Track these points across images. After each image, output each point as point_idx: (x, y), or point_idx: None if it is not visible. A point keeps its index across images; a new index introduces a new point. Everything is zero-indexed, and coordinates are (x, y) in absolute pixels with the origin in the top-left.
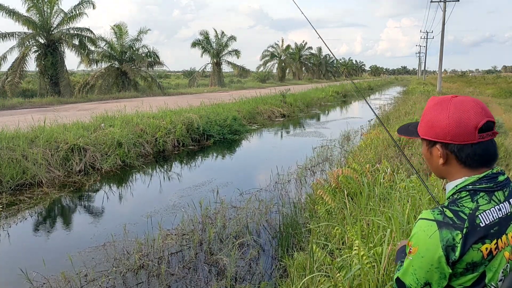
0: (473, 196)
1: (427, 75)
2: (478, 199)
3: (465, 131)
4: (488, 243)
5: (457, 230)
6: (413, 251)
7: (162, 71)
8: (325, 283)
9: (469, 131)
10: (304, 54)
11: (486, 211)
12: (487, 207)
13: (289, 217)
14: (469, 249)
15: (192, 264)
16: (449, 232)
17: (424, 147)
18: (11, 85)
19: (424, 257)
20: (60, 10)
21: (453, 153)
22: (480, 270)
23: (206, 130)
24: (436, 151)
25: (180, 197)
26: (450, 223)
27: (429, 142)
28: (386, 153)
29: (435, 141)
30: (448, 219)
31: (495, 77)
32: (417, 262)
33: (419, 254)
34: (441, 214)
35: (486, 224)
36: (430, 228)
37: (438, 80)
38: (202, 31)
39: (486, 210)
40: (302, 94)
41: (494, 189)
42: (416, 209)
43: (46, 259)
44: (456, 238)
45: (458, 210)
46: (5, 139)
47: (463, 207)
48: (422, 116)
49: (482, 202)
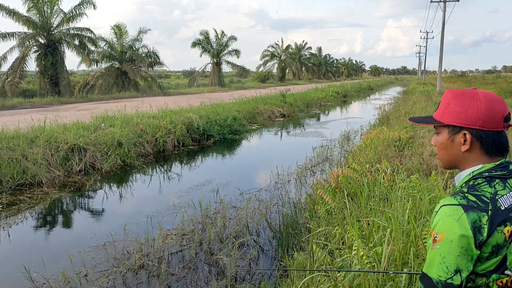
0: (490, 182)
1: (427, 75)
2: (495, 185)
3: (494, 118)
4: (509, 226)
5: (483, 212)
6: (440, 238)
7: (162, 71)
8: (325, 283)
9: (497, 119)
10: (304, 54)
11: (503, 196)
12: (503, 193)
13: (289, 217)
14: (494, 231)
15: (192, 264)
16: (475, 214)
17: (444, 135)
18: (11, 85)
19: (453, 241)
20: (60, 10)
21: (478, 140)
22: (503, 253)
23: (206, 130)
24: (460, 138)
25: (180, 197)
26: (475, 206)
27: (453, 129)
28: (386, 153)
29: (462, 127)
30: (472, 203)
31: (495, 77)
32: (446, 248)
33: (448, 239)
34: (464, 198)
35: (506, 207)
36: (457, 212)
37: (438, 80)
38: (202, 31)
39: (503, 195)
40: (302, 94)
41: (507, 177)
42: (416, 209)
43: (46, 259)
44: (482, 219)
45: (479, 194)
46: (5, 139)
47: (483, 191)
48: (444, 105)
49: (498, 188)
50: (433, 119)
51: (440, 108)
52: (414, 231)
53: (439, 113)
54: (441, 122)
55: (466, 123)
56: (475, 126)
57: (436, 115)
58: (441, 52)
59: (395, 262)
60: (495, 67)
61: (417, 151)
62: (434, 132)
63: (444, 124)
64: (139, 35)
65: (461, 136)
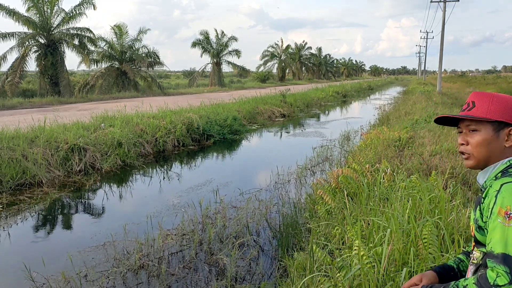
0: None
1: (427, 75)
2: None
3: None
4: None
5: None
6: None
7: (162, 71)
8: (325, 283)
9: None
10: (304, 54)
11: None
12: None
13: (289, 217)
14: None
15: (192, 264)
16: None
17: (488, 131)
18: (11, 85)
19: None
20: (60, 10)
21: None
22: None
23: (206, 130)
24: (505, 134)
25: (180, 197)
26: None
27: (498, 125)
28: (386, 153)
29: (507, 123)
30: None
31: (495, 77)
32: None
33: None
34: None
35: None
36: None
37: (438, 80)
38: (202, 31)
39: None
40: (302, 94)
41: None
42: (416, 209)
43: (46, 259)
44: None
45: None
46: (5, 139)
47: None
48: (486, 104)
49: None
50: (472, 116)
51: (482, 106)
52: (414, 231)
53: (483, 111)
54: (489, 118)
55: None
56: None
57: (477, 113)
58: (441, 52)
59: (395, 262)
60: (495, 67)
61: (417, 151)
62: (460, 131)
63: (492, 120)
64: (139, 35)
65: (507, 132)
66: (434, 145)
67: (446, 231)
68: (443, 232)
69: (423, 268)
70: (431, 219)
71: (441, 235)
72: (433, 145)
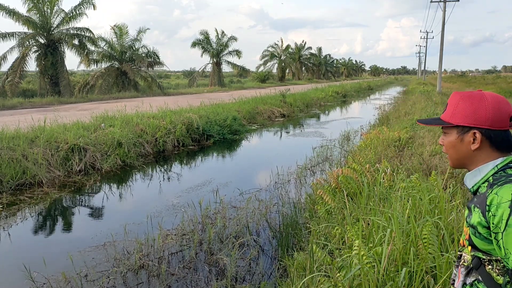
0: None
1: (427, 75)
2: None
3: (501, 118)
4: None
5: None
6: None
7: (162, 71)
8: (325, 283)
9: (504, 119)
10: (304, 54)
11: None
12: None
13: (289, 217)
14: None
15: (192, 264)
16: None
17: (454, 135)
18: (11, 85)
19: None
20: (60, 10)
21: (488, 139)
22: None
23: (206, 130)
24: (470, 137)
25: (180, 197)
26: None
27: (462, 129)
28: (386, 153)
29: (471, 127)
30: None
31: (495, 77)
32: None
33: None
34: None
35: None
36: None
37: (438, 80)
38: (202, 31)
39: None
40: (302, 94)
41: None
42: (416, 209)
43: (47, 259)
44: None
45: None
46: (5, 139)
47: None
48: (452, 107)
49: None
50: (441, 121)
51: (449, 109)
52: (414, 231)
53: (448, 114)
54: (451, 123)
55: (476, 123)
56: (485, 126)
57: (444, 116)
58: (441, 52)
59: (395, 262)
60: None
61: (417, 151)
62: (442, 132)
63: (454, 124)
64: (139, 35)
65: (471, 136)
66: (434, 145)
67: (446, 231)
68: (443, 232)
69: (423, 268)
70: (431, 219)
71: (441, 235)
72: (433, 145)
